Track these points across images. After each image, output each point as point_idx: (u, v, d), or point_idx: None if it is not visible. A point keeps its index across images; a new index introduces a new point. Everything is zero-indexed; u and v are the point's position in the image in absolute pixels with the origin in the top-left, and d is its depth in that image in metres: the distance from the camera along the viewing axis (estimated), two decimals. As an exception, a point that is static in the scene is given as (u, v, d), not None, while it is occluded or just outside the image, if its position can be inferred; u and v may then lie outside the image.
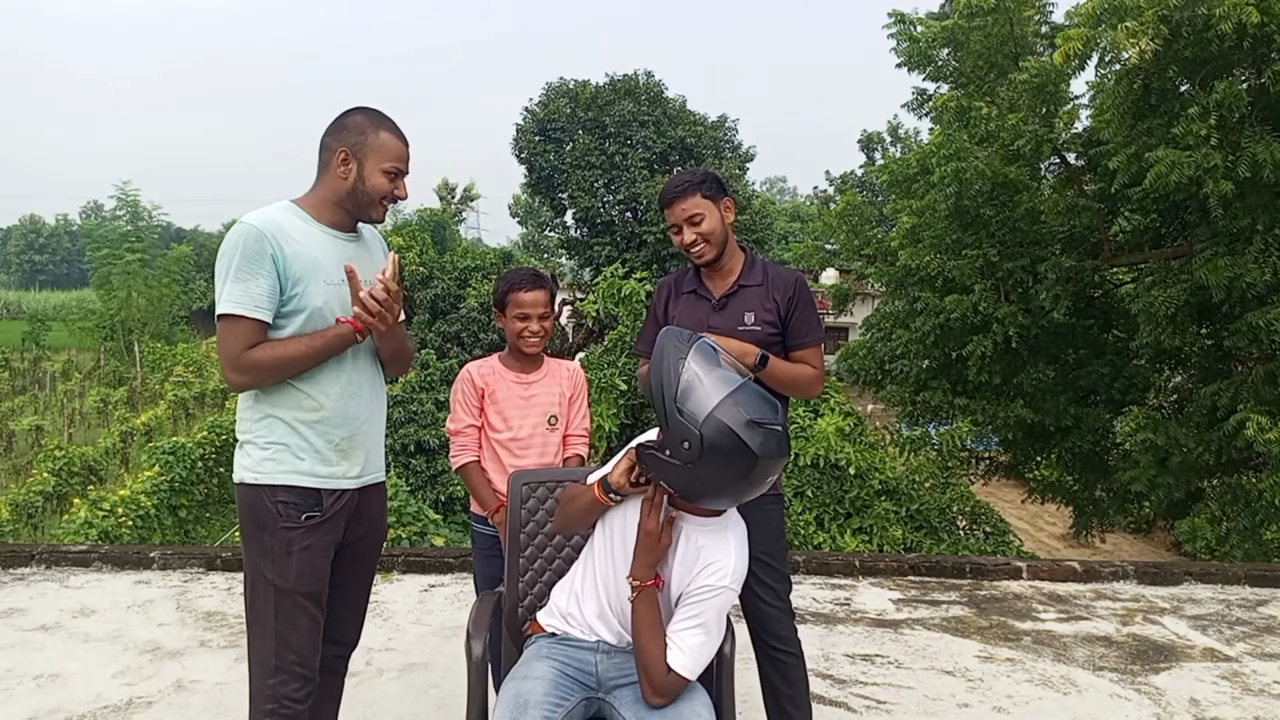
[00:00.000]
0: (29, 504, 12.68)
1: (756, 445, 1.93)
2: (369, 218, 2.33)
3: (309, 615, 2.24)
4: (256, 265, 2.13)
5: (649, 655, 2.05)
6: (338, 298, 2.24)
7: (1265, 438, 7.80)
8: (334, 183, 2.26)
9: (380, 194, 2.27)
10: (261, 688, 2.22)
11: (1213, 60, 8.05)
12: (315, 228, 2.25)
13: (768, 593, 2.66)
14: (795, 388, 2.72)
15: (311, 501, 2.22)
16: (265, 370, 2.16)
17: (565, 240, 29.66)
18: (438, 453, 15.20)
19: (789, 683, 2.69)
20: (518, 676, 2.15)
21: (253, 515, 2.22)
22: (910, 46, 10.80)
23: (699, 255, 2.69)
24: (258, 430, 2.23)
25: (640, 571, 2.10)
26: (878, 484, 8.83)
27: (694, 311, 2.74)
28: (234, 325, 2.14)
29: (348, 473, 2.29)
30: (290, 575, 2.20)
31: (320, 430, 2.24)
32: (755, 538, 2.58)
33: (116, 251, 30.08)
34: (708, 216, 2.66)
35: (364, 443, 2.34)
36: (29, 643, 3.93)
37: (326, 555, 2.27)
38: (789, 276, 2.74)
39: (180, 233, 59.46)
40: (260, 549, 2.21)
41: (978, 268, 10.22)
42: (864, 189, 24.53)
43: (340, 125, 2.28)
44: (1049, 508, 14.90)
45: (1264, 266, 7.93)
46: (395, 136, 2.28)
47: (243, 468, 2.24)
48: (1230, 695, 3.67)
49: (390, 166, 2.26)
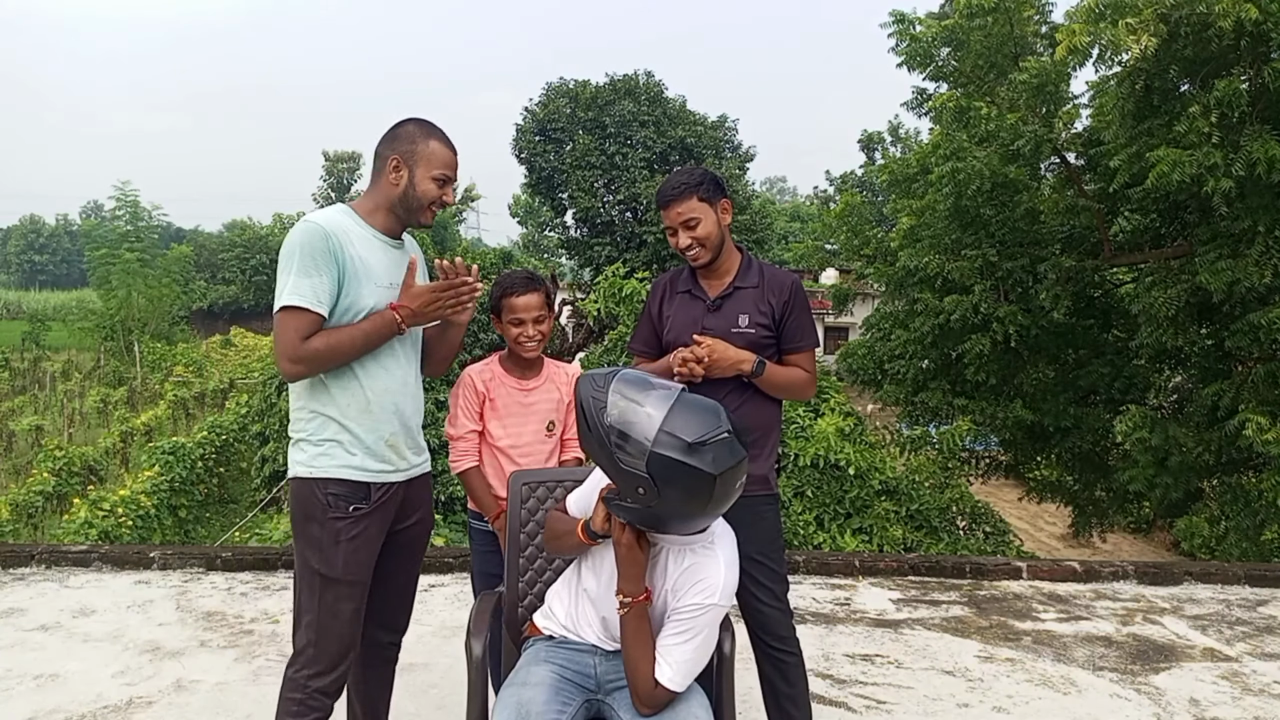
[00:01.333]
0: (29, 504, 12.67)
1: (708, 464, 1.90)
2: (418, 222, 2.43)
3: (352, 604, 2.34)
4: (320, 262, 2.24)
5: (637, 669, 2.04)
6: (387, 300, 2.35)
7: (1265, 438, 7.80)
8: (387, 188, 2.38)
9: (430, 199, 2.39)
10: (294, 677, 2.32)
11: (1212, 59, 8.05)
12: (369, 232, 2.37)
13: (765, 594, 2.66)
14: (789, 392, 2.73)
15: (360, 494, 2.33)
16: (320, 359, 2.25)
17: (565, 240, 29.68)
18: (437, 453, 15.16)
19: (789, 682, 2.69)
20: (517, 683, 2.14)
21: (303, 508, 2.33)
22: (910, 46, 10.78)
23: (694, 258, 2.67)
24: (310, 428, 2.34)
25: (627, 586, 2.07)
26: (878, 484, 8.83)
27: (688, 312, 2.72)
28: (295, 317, 2.22)
29: (396, 465, 2.40)
30: (338, 564, 2.30)
31: (369, 426, 2.34)
32: (752, 538, 2.58)
33: (116, 251, 30.07)
34: (703, 220, 2.64)
35: (410, 436, 2.46)
36: (29, 643, 3.93)
37: (372, 546, 2.37)
38: (785, 279, 2.73)
39: (180, 233, 59.43)
40: (308, 540, 2.32)
41: (977, 268, 10.23)
42: (864, 189, 24.56)
43: (394, 135, 2.40)
44: (1049, 508, 14.91)
45: (1264, 268, 7.93)
46: (444, 145, 2.41)
47: (296, 463, 2.35)
48: (1230, 695, 3.67)
49: (439, 174, 2.39)
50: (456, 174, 2.45)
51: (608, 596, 2.16)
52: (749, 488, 2.63)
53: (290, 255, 2.25)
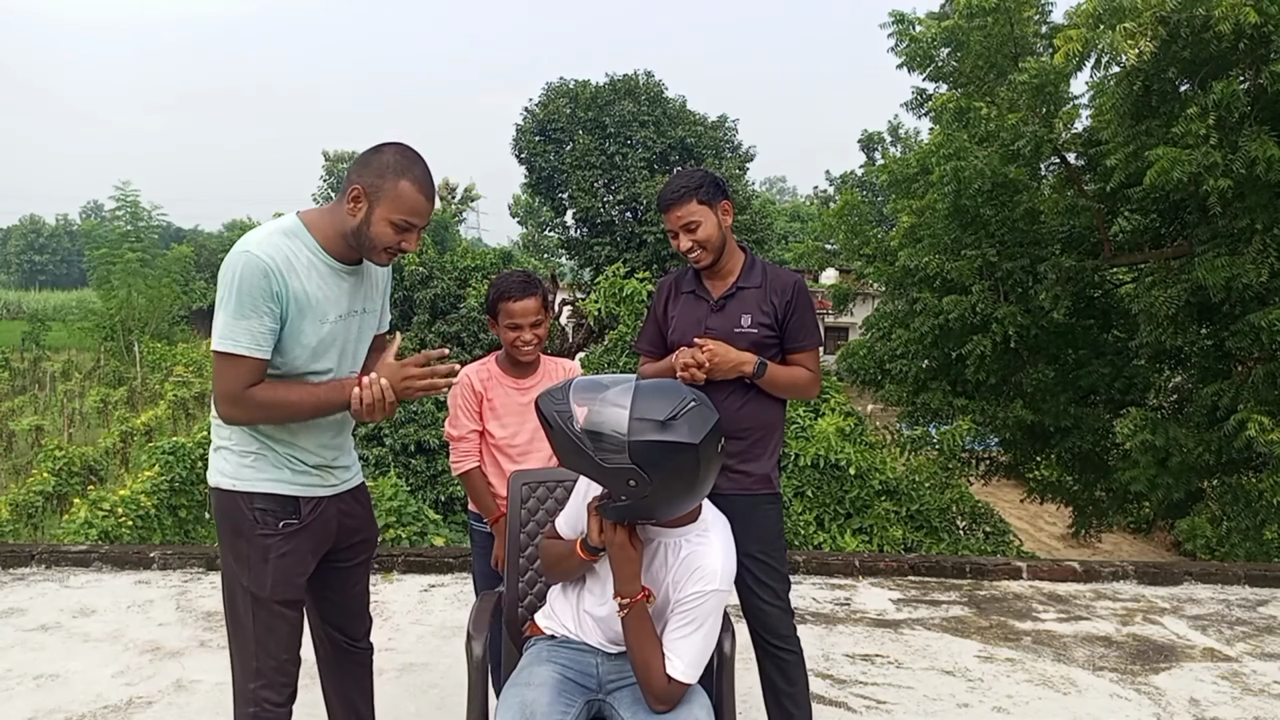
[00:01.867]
0: (29, 504, 12.66)
1: (686, 435, 1.93)
2: (372, 260, 2.23)
3: (287, 621, 2.22)
4: (259, 303, 2.06)
5: (648, 668, 2.04)
6: (330, 336, 2.19)
7: (1267, 438, 7.80)
8: (343, 217, 2.15)
9: (384, 243, 2.14)
10: (244, 690, 2.22)
11: (1211, 60, 8.05)
12: (320, 259, 2.16)
13: (767, 592, 2.66)
14: (792, 391, 2.73)
15: (290, 509, 2.19)
16: (263, 411, 2.12)
17: (565, 240, 29.67)
18: (437, 453, 15.20)
19: (790, 681, 2.69)
20: (520, 682, 2.13)
21: (230, 522, 2.19)
22: (910, 46, 10.78)
23: (696, 260, 2.68)
24: (234, 438, 2.19)
25: (623, 587, 2.07)
26: (878, 484, 8.82)
27: (692, 312, 2.74)
28: (235, 363, 2.07)
29: (326, 480, 2.27)
30: (267, 584, 2.17)
31: (296, 444, 2.21)
32: (754, 537, 2.60)
33: (116, 251, 30.06)
34: (704, 222, 2.63)
35: (343, 451, 2.34)
36: (29, 643, 3.93)
37: (305, 563, 2.24)
38: (788, 279, 2.73)
39: (180, 233, 59.48)
40: (236, 556, 2.19)
41: (977, 268, 10.22)
42: (864, 189, 24.56)
43: (367, 160, 2.15)
44: (1049, 508, 14.90)
45: (1261, 267, 7.93)
46: (416, 188, 2.12)
47: (219, 473, 2.20)
48: (1230, 695, 3.67)
49: (400, 219, 2.12)
50: (426, 220, 2.18)
51: (608, 595, 2.15)
52: (751, 486, 2.65)
53: (228, 288, 2.07)
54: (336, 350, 2.23)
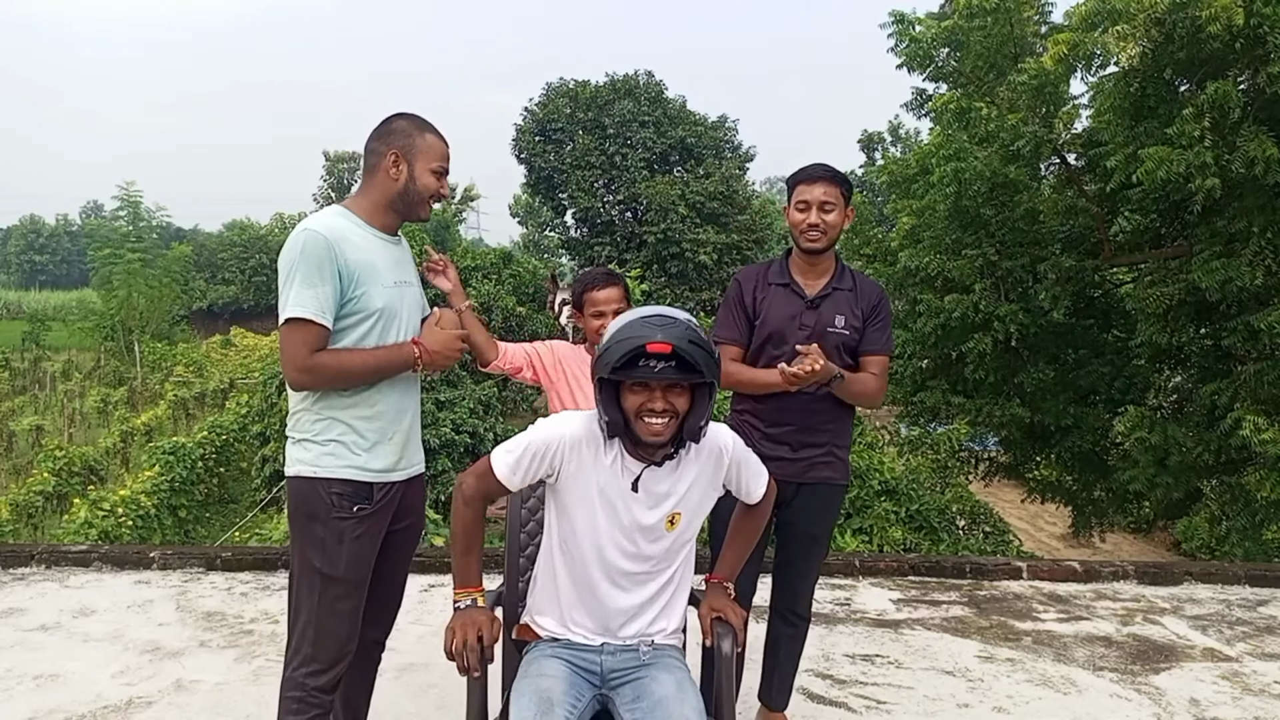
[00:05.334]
0: (29, 504, 12.65)
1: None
2: (417, 216, 2.44)
3: (351, 602, 2.37)
4: (324, 271, 2.22)
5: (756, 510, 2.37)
6: (397, 299, 2.37)
7: (1262, 438, 7.79)
8: (385, 184, 2.37)
9: (430, 192, 2.40)
10: (292, 676, 2.35)
11: (1208, 61, 8.05)
12: (369, 232, 2.36)
13: (811, 577, 3.04)
14: (861, 399, 2.88)
15: (363, 494, 2.34)
16: (328, 377, 2.27)
17: (565, 240, 29.71)
18: (437, 453, 15.20)
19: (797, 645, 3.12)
20: (532, 674, 2.14)
21: (306, 507, 2.33)
22: (910, 47, 10.77)
23: (812, 241, 2.77)
24: (316, 428, 2.33)
25: (725, 571, 2.39)
26: (877, 484, 8.83)
27: (785, 306, 2.82)
28: (302, 329, 2.22)
29: (397, 465, 2.41)
30: (340, 564, 2.32)
31: (377, 426, 2.36)
32: (824, 523, 2.99)
33: (118, 251, 30.05)
34: (837, 209, 2.77)
35: (412, 436, 2.48)
36: (29, 643, 3.93)
37: (374, 545, 2.40)
38: (875, 288, 2.90)
39: (180, 232, 59.39)
40: (311, 539, 2.33)
41: (977, 267, 10.22)
42: (864, 189, 24.52)
43: (388, 130, 2.38)
44: (1049, 508, 14.88)
45: (1257, 268, 7.93)
46: (439, 138, 2.42)
47: (300, 462, 2.34)
48: (1230, 695, 3.67)
49: (437, 166, 2.39)
50: (449, 166, 2.47)
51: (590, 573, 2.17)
52: (832, 477, 2.91)
53: (292, 264, 2.24)
54: (400, 319, 2.39)
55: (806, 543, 2.94)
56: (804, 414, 2.82)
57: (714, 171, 26.84)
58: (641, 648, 2.19)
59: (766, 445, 2.83)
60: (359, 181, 2.48)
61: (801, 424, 2.84)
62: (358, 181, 2.56)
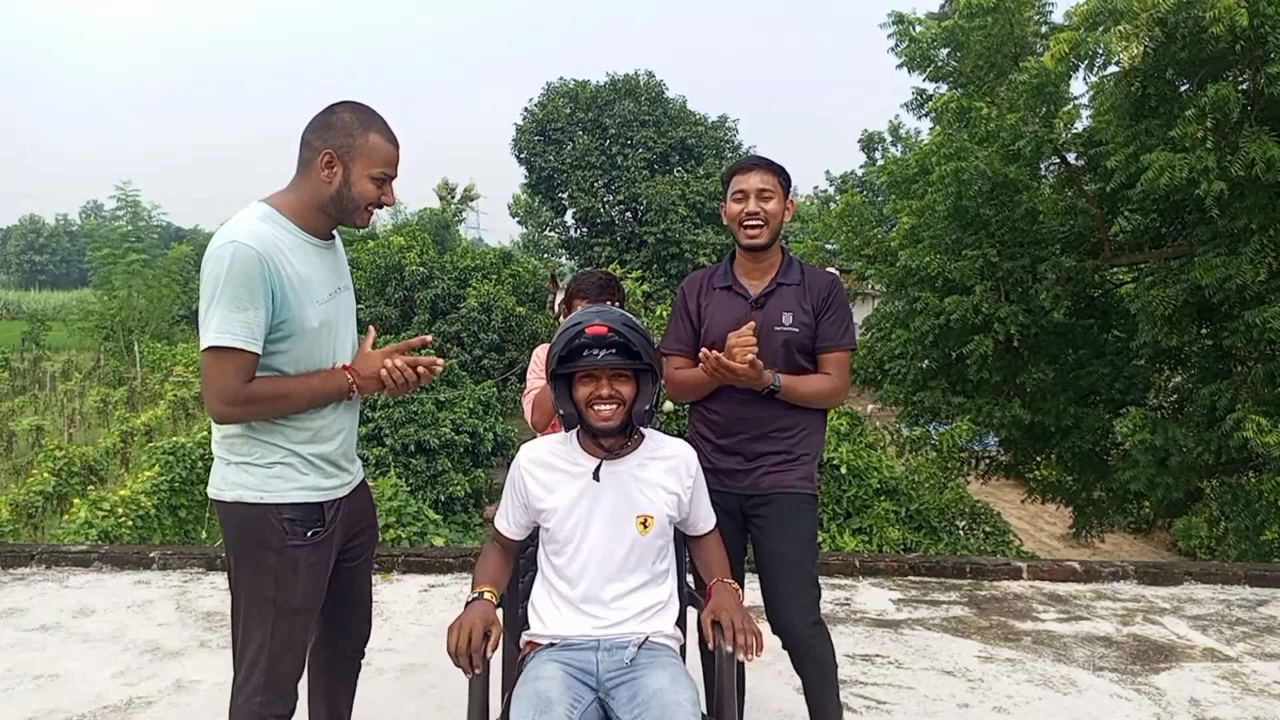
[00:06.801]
0: (29, 504, 12.65)
1: None
2: (352, 223, 2.19)
3: (305, 631, 2.24)
4: (253, 293, 1.99)
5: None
6: (332, 312, 2.19)
7: (1263, 440, 7.78)
8: (317, 186, 2.10)
9: (367, 200, 2.12)
10: (245, 705, 2.16)
11: (1209, 62, 8.04)
12: (301, 238, 2.12)
13: (798, 607, 2.59)
14: (815, 401, 2.68)
15: (315, 516, 2.17)
16: (263, 407, 2.07)
17: (565, 240, 29.67)
18: (437, 453, 15.20)
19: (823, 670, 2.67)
20: (530, 678, 2.16)
21: (254, 535, 2.13)
22: (910, 47, 10.77)
23: (753, 234, 2.64)
24: (256, 452, 2.12)
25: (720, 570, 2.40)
26: (876, 484, 8.83)
27: (729, 309, 2.68)
28: (231, 358, 1.99)
29: (342, 479, 2.28)
30: (297, 593, 2.15)
31: (318, 448, 2.19)
32: (787, 535, 2.62)
33: (118, 251, 30.04)
34: (775, 198, 2.66)
35: (351, 449, 2.34)
36: (29, 643, 3.93)
37: (327, 569, 2.26)
38: (825, 277, 2.73)
39: (180, 232, 59.38)
40: (261, 568, 2.14)
41: (978, 268, 10.21)
42: (864, 189, 24.50)
43: (326, 123, 2.10)
44: (1049, 508, 14.88)
45: (1259, 266, 7.92)
46: (385, 139, 2.12)
47: (241, 486, 2.12)
48: (1230, 695, 3.67)
49: (379, 172, 2.11)
50: (397, 170, 2.16)
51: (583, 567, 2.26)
52: (792, 484, 2.63)
53: (217, 281, 1.98)
54: (332, 333, 2.19)
55: (780, 563, 2.61)
56: (756, 422, 2.63)
57: (714, 172, 26.80)
58: (630, 647, 2.21)
59: (718, 458, 2.67)
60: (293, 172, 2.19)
61: (755, 432, 2.64)
62: None
